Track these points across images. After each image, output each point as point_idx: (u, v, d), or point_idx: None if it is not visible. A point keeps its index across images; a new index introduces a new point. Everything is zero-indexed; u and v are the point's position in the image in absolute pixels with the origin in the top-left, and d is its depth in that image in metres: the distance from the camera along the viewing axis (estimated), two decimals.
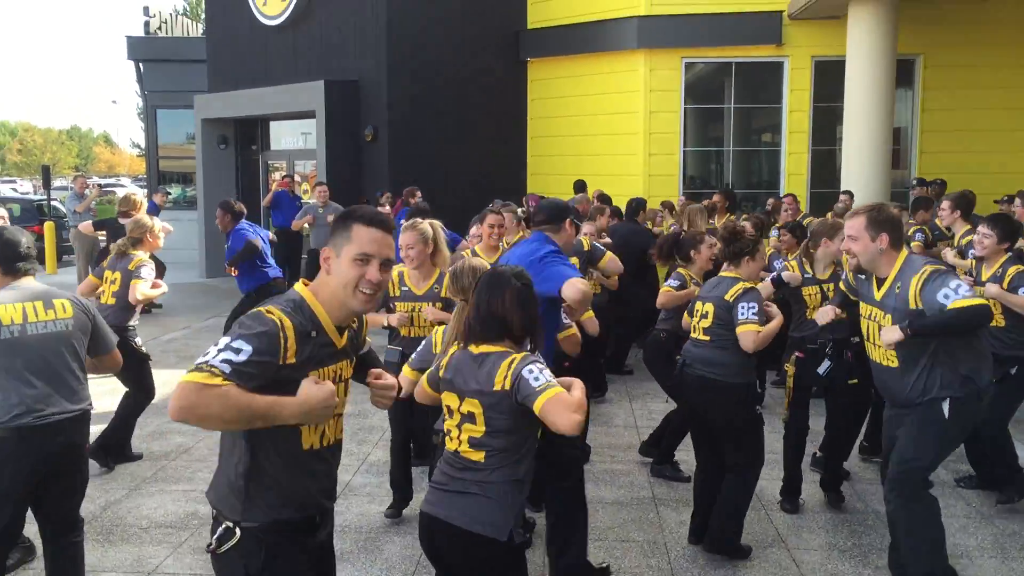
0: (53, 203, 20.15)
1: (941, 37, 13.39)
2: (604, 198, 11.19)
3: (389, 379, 2.91)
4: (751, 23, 13.57)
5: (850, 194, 11.17)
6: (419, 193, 11.64)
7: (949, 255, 7.08)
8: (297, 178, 16.28)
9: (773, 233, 9.06)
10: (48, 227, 17.95)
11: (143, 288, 6.28)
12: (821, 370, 5.49)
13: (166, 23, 22.48)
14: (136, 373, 6.31)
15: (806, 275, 5.71)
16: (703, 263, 6.07)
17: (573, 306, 4.18)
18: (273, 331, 2.45)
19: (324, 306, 2.61)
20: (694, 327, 5.08)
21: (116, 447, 6.42)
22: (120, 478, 6.15)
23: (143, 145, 30.55)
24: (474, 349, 3.10)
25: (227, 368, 2.35)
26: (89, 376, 4.12)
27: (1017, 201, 8.76)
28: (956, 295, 3.81)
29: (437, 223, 5.39)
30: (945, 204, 7.48)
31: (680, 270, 6.15)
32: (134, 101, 73.60)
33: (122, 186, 53.10)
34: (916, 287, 3.97)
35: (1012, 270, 5.48)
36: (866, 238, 4.10)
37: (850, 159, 12.05)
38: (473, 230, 7.38)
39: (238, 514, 2.62)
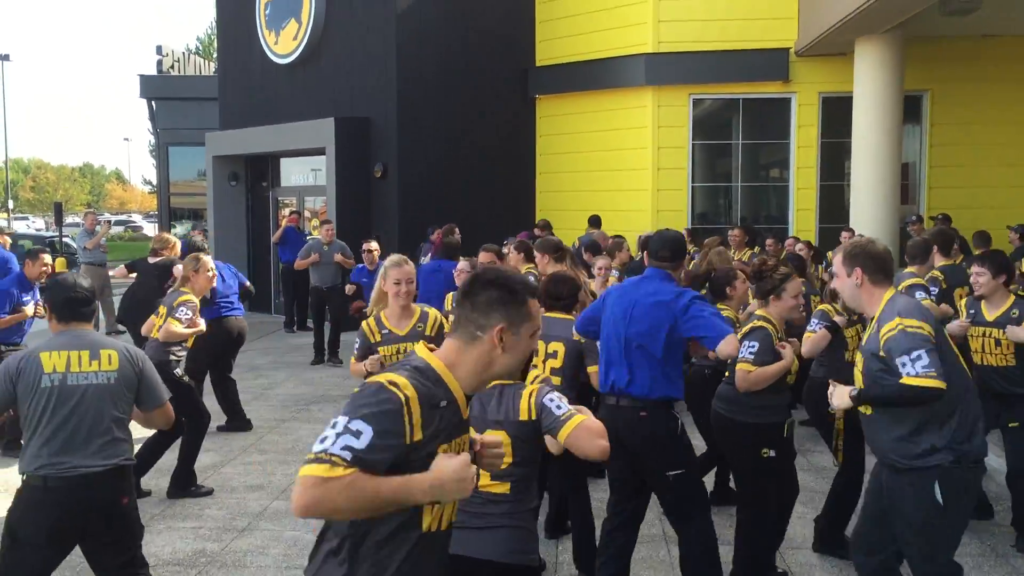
0: (65, 240, 20.30)
1: (947, 73, 13.46)
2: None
3: (493, 438, 2.66)
4: (758, 60, 13.67)
5: (852, 231, 11.16)
6: (457, 230, 11.46)
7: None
8: (307, 214, 16.36)
9: None
10: (60, 263, 18.03)
11: (172, 327, 6.32)
12: None
13: (179, 62, 22.80)
14: (186, 402, 6.32)
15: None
16: (740, 297, 5.93)
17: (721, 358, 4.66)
18: (396, 408, 2.20)
19: (461, 381, 2.38)
20: None
21: (185, 478, 6.58)
22: None
23: (155, 182, 30.81)
24: None
25: (348, 455, 2.11)
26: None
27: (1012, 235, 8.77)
28: (913, 370, 3.60)
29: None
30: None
31: (722, 310, 5.94)
32: (146, 138, 74.34)
33: (133, 222, 53.50)
34: (884, 337, 3.74)
35: None
36: (843, 273, 3.97)
37: (859, 194, 12.07)
38: (461, 265, 7.48)
39: None
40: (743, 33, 13.64)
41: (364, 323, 5.02)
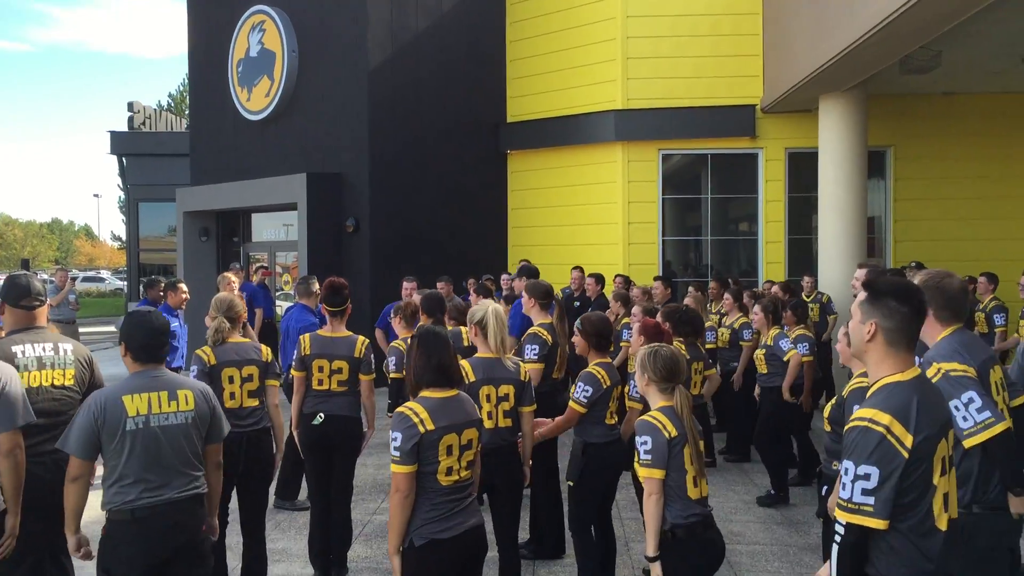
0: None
1: (910, 129, 13.79)
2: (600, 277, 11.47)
3: None
4: (725, 116, 13.92)
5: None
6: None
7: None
8: (279, 269, 16.31)
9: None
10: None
11: None
12: None
13: (150, 118, 22.81)
14: None
15: None
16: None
17: None
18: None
19: None
20: None
21: None
22: None
23: (124, 238, 30.62)
24: (441, 394, 3.74)
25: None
26: None
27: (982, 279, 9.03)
28: None
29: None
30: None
31: None
32: (116, 194, 74.01)
33: (102, 279, 53.00)
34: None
35: None
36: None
37: (826, 248, 12.24)
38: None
39: None
40: (710, 90, 13.91)
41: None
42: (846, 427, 2.78)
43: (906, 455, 2.62)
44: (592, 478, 5.22)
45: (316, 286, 8.13)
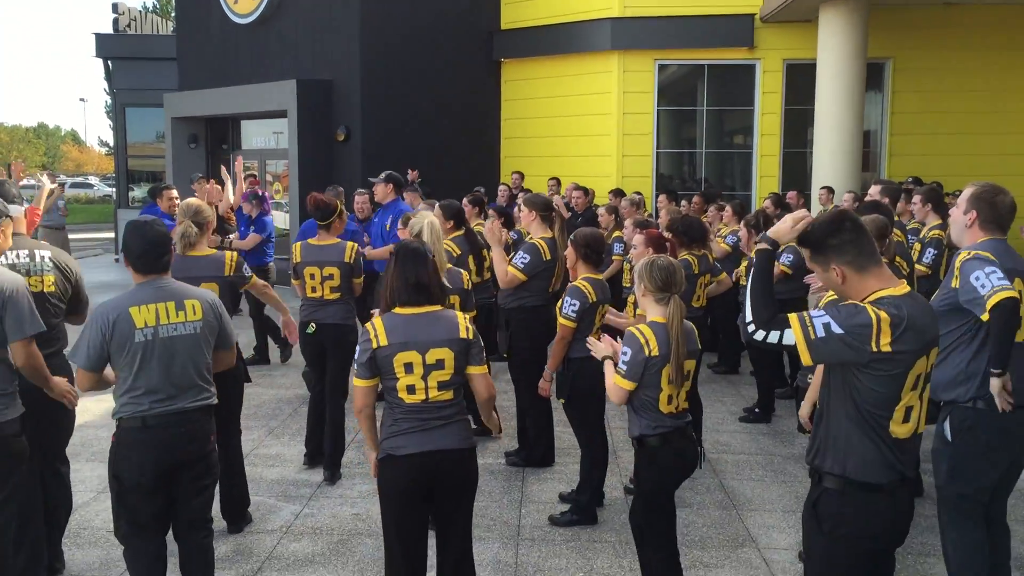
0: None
1: (910, 41, 13.57)
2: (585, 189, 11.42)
3: None
4: (723, 26, 13.66)
5: (829, 189, 11.41)
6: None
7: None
8: (269, 178, 16.16)
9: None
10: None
11: None
12: None
13: (135, 20, 22.25)
14: None
15: None
16: None
17: None
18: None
19: None
20: None
21: None
22: (88, 480, 6.07)
23: (112, 143, 30.20)
24: (411, 310, 3.61)
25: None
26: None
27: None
28: None
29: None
30: (916, 198, 7.51)
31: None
32: (103, 99, 72.81)
33: (90, 185, 52.54)
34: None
35: None
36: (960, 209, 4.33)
37: (821, 161, 12.16)
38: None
39: None
40: None
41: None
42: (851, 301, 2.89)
43: (872, 350, 2.75)
44: (581, 393, 5.35)
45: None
